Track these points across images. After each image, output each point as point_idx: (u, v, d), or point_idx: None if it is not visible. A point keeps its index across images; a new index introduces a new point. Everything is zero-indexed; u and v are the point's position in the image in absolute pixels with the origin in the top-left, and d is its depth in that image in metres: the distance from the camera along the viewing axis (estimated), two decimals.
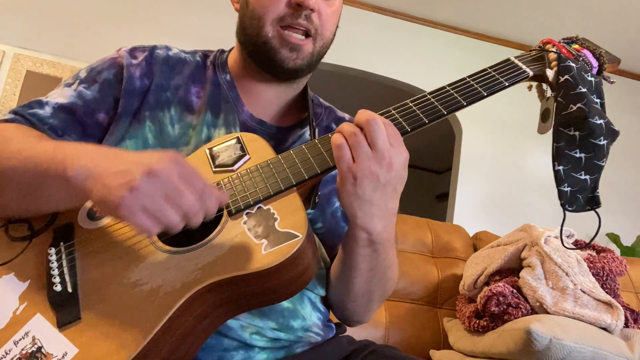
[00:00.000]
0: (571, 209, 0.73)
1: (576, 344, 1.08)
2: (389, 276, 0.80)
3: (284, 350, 0.76)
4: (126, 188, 0.53)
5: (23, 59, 2.86)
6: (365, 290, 0.79)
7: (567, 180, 0.72)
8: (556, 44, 0.79)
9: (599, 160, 0.72)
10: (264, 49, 0.79)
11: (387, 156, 0.63)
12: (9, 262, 0.63)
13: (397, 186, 0.66)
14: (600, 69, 0.79)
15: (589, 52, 0.80)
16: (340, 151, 0.63)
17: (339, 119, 0.95)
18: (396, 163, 0.64)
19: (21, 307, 0.58)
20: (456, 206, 3.30)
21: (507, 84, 0.74)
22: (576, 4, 3.03)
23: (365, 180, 0.63)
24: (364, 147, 0.62)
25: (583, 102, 0.70)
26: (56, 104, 0.77)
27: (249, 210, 0.65)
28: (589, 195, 0.73)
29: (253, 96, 0.86)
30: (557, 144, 0.72)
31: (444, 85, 0.73)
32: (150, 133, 0.79)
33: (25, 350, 0.55)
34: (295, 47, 0.79)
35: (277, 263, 0.59)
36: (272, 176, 0.68)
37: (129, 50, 0.84)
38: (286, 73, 0.82)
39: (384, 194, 0.65)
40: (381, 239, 0.69)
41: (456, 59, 3.44)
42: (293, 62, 0.80)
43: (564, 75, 0.73)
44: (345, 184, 0.64)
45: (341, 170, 0.64)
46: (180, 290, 0.58)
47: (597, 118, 0.70)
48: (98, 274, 0.61)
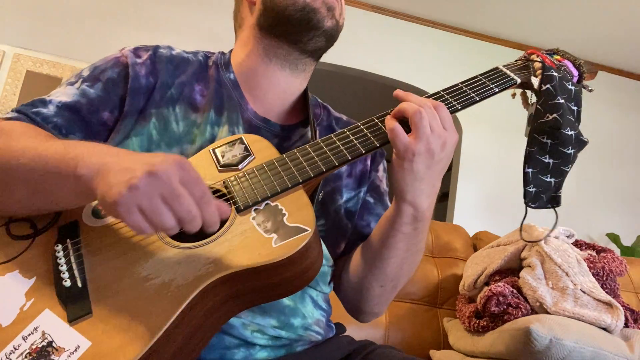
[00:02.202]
0: (533, 206, 0.80)
1: (576, 344, 1.08)
2: (416, 262, 0.84)
3: (284, 349, 0.76)
4: (125, 186, 0.53)
5: (23, 59, 2.86)
6: (397, 273, 0.81)
7: (534, 182, 0.79)
8: (540, 55, 0.84)
9: (565, 166, 0.79)
10: (303, 13, 0.84)
11: (443, 135, 0.69)
12: (14, 259, 0.63)
13: (445, 165, 0.72)
14: (580, 78, 0.86)
15: (569, 62, 0.86)
16: (399, 129, 0.69)
17: (337, 118, 0.96)
18: (449, 143, 0.70)
19: (28, 303, 0.59)
20: (456, 206, 3.31)
21: (497, 89, 0.80)
22: (576, 4, 3.04)
23: (422, 157, 0.68)
24: (426, 126, 0.68)
25: (559, 113, 0.76)
26: (60, 102, 0.77)
27: (257, 206, 0.67)
28: (551, 194, 0.80)
29: (258, 93, 0.87)
30: (530, 148, 0.79)
31: (439, 91, 0.78)
32: (154, 129, 0.79)
33: (35, 345, 0.55)
34: (332, 6, 0.85)
35: (288, 256, 0.61)
36: (278, 174, 0.69)
37: (133, 49, 0.84)
38: (322, 35, 0.85)
39: (435, 172, 0.71)
40: (424, 217, 0.74)
41: (456, 59, 3.45)
42: (330, 21, 0.85)
43: (545, 85, 0.79)
44: (402, 161, 0.69)
45: (399, 148, 0.69)
46: (193, 283, 0.59)
47: (568, 129, 0.77)
48: (107, 270, 0.62)
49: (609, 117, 3.56)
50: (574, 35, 3.31)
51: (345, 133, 0.73)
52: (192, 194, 0.55)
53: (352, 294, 0.87)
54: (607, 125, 3.53)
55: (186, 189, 0.55)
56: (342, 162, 0.71)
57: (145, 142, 0.78)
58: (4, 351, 0.55)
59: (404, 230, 0.75)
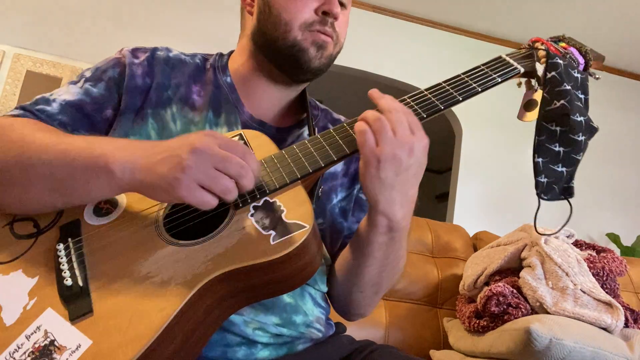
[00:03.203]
0: (546, 198, 0.76)
1: (576, 344, 1.08)
2: (399, 268, 0.82)
3: (286, 347, 0.77)
4: (180, 169, 0.57)
5: (23, 59, 2.86)
6: (376, 280, 0.80)
7: (545, 172, 0.75)
8: (545, 42, 0.82)
9: (576, 154, 0.75)
10: (291, 51, 0.81)
11: (409, 141, 0.66)
12: (17, 258, 0.64)
13: (417, 171, 0.68)
14: (586, 66, 0.83)
15: (575, 49, 0.83)
16: (364, 135, 0.66)
17: (335, 120, 0.97)
18: (417, 148, 0.66)
19: (31, 302, 0.59)
20: (456, 206, 3.31)
21: (500, 79, 0.77)
22: (576, 4, 3.04)
23: (387, 164, 0.65)
24: (388, 131, 0.65)
25: (566, 99, 0.73)
26: (64, 100, 0.78)
27: (255, 203, 0.66)
28: (564, 185, 0.77)
29: (254, 98, 0.88)
30: (539, 137, 0.76)
31: (440, 82, 0.76)
32: (153, 130, 0.80)
33: (38, 344, 0.55)
34: (322, 45, 0.82)
35: (286, 253, 0.60)
36: (276, 170, 0.69)
37: (131, 50, 0.85)
38: (309, 73, 0.84)
39: (405, 179, 0.67)
40: (399, 227, 0.71)
41: (456, 59, 3.45)
42: (318, 61, 0.83)
43: (551, 72, 0.76)
44: (368, 168, 0.66)
45: (365, 155, 0.66)
46: (192, 281, 0.59)
47: (578, 115, 0.74)
48: (108, 268, 0.62)
49: (609, 117, 3.56)
50: (574, 35, 3.31)
51: (344, 127, 0.73)
52: (235, 152, 0.60)
53: (336, 296, 0.88)
54: (607, 125, 3.53)
55: (228, 150, 0.60)
56: (341, 157, 0.70)
57: None
58: (8, 350, 0.55)
59: (380, 240, 0.73)
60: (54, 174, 0.63)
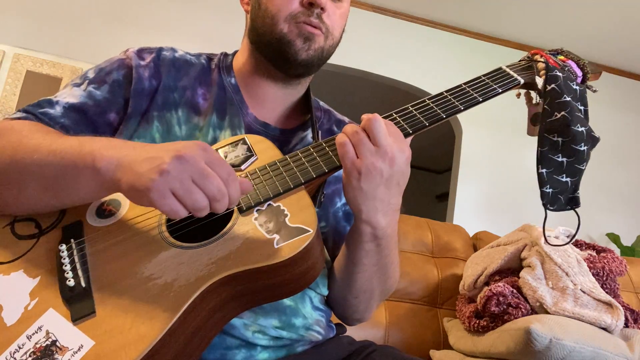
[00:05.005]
0: (552, 209, 0.77)
1: (576, 344, 1.08)
2: (391, 273, 0.82)
3: (285, 349, 0.77)
4: (156, 172, 0.55)
5: (23, 59, 2.86)
6: (368, 286, 0.80)
7: (550, 182, 0.77)
8: (544, 55, 0.84)
9: (579, 164, 0.77)
10: (278, 44, 0.81)
11: (390, 151, 0.66)
12: (19, 258, 0.63)
13: (400, 181, 0.68)
14: (584, 79, 0.85)
15: (573, 62, 0.85)
16: (344, 148, 0.66)
17: (339, 121, 0.97)
18: (398, 158, 0.67)
19: (32, 302, 0.59)
20: (456, 206, 3.31)
21: (501, 90, 0.79)
22: (576, 4, 3.04)
23: (369, 175, 0.65)
24: (367, 143, 0.66)
25: (567, 110, 0.75)
26: (67, 103, 0.78)
27: (259, 207, 0.67)
28: (569, 195, 0.78)
29: (257, 99, 0.88)
30: (542, 148, 0.77)
31: (442, 92, 0.78)
32: (157, 133, 0.80)
33: (39, 344, 0.55)
34: (309, 36, 0.81)
35: (290, 256, 0.61)
36: (280, 175, 0.69)
37: (137, 51, 0.85)
38: (298, 66, 0.83)
39: (388, 189, 0.67)
40: (385, 234, 0.72)
41: (456, 59, 3.45)
42: (306, 53, 0.82)
43: (550, 84, 0.78)
44: (350, 180, 0.67)
45: (346, 167, 0.67)
46: (195, 284, 0.59)
47: (579, 126, 0.75)
48: (111, 270, 0.62)
49: (609, 117, 3.56)
50: (574, 35, 3.31)
51: None
52: (219, 173, 0.57)
53: (334, 300, 0.88)
54: (607, 125, 3.53)
55: (213, 169, 0.57)
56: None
57: None
58: (9, 350, 0.55)
59: (366, 248, 0.73)
60: (44, 172, 0.63)
